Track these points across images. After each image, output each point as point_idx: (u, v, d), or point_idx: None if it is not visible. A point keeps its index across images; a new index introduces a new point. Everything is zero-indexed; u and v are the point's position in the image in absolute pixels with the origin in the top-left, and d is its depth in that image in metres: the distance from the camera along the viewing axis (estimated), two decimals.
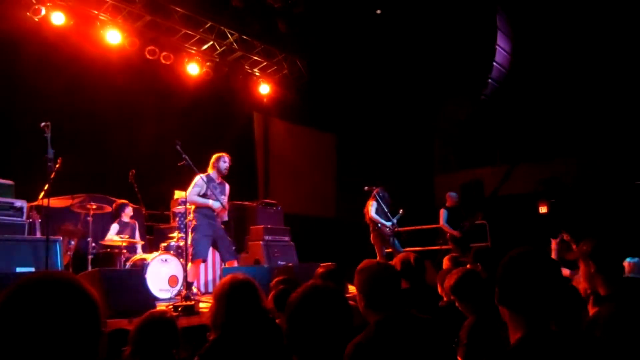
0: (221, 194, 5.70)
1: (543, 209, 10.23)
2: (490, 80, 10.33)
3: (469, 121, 11.66)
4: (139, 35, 8.54)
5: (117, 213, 6.69)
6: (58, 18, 7.54)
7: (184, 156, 5.14)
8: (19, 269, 4.65)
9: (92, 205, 5.95)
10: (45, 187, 4.73)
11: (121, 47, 8.27)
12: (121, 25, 8.32)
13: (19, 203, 5.38)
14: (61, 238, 5.37)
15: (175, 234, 6.53)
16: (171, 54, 8.96)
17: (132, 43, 8.35)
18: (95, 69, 7.86)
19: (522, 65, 10.56)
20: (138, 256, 6.28)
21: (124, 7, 8.27)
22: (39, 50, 7.18)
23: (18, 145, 6.65)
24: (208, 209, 5.55)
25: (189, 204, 5.63)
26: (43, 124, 4.65)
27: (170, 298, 5.72)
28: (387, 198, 7.35)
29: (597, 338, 2.01)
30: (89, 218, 5.97)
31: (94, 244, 6.06)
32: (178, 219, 6.69)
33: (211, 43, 9.61)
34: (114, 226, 6.59)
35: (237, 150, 7.83)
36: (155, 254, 6.13)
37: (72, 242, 6.02)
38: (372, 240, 7.30)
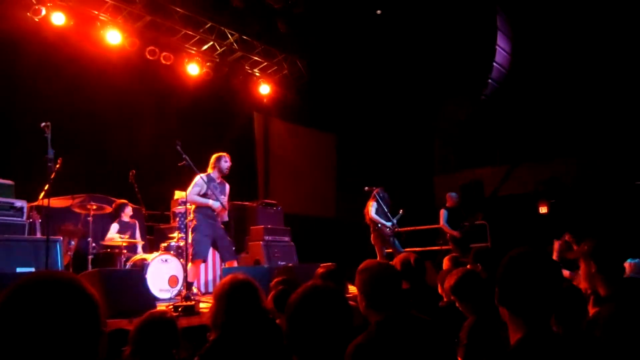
0: (221, 193, 5.69)
1: (543, 209, 10.24)
2: (490, 81, 10.33)
3: (469, 121, 11.66)
4: (139, 36, 8.55)
5: (117, 213, 6.69)
6: (58, 18, 7.54)
7: (184, 156, 5.14)
8: (19, 269, 4.66)
9: (93, 205, 5.94)
10: (46, 187, 4.74)
11: (121, 48, 8.27)
12: (121, 26, 8.32)
13: (19, 203, 5.38)
14: (61, 238, 5.38)
15: (176, 234, 6.53)
16: (171, 54, 8.97)
17: (132, 43, 8.36)
18: (96, 69, 7.87)
19: (522, 66, 10.56)
20: (138, 256, 6.27)
21: (124, 7, 8.28)
22: (39, 51, 7.18)
23: (18, 145, 6.65)
24: (208, 209, 5.54)
25: (189, 203, 5.63)
26: (43, 124, 4.65)
27: (171, 298, 5.72)
28: (387, 198, 7.35)
29: (597, 339, 2.01)
30: (89, 218, 5.97)
31: (94, 244, 6.06)
32: (178, 219, 6.69)
33: (211, 43, 9.62)
34: (113, 226, 6.59)
35: (237, 150, 7.83)
36: (156, 254, 6.12)
37: (72, 242, 6.02)
38: (373, 240, 7.30)
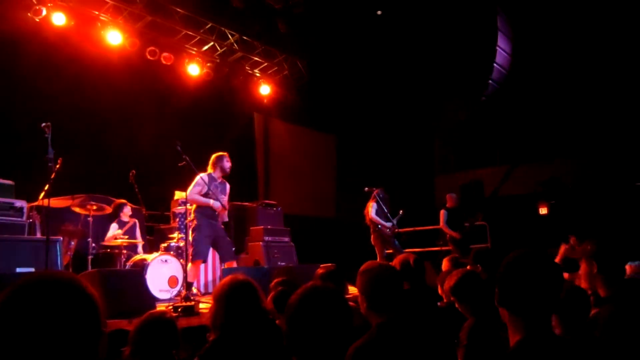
0: (222, 193, 5.69)
1: (543, 210, 10.24)
2: (490, 81, 10.33)
3: (469, 122, 11.66)
4: (140, 36, 8.55)
5: (116, 213, 6.69)
6: (59, 19, 7.54)
7: (185, 157, 5.14)
8: (19, 269, 4.66)
9: (93, 205, 5.94)
10: (46, 188, 4.73)
11: (122, 48, 8.27)
12: (122, 26, 8.32)
13: (19, 203, 5.38)
14: (61, 238, 5.37)
15: (176, 234, 6.53)
16: (172, 54, 8.97)
17: (132, 44, 8.36)
18: (96, 70, 7.87)
19: (522, 66, 10.56)
20: (138, 256, 6.27)
21: (124, 7, 8.28)
22: (39, 51, 7.18)
23: (18, 145, 6.65)
24: (209, 209, 5.52)
25: (189, 203, 5.62)
26: (43, 124, 4.66)
27: (170, 299, 5.72)
28: (387, 199, 7.35)
29: (596, 340, 2.01)
30: (89, 218, 5.96)
31: (94, 244, 6.06)
32: (178, 219, 6.69)
33: (212, 44, 9.62)
34: (113, 226, 6.60)
35: (237, 150, 7.84)
36: (155, 254, 6.12)
37: (72, 243, 6.02)
38: (373, 241, 7.29)
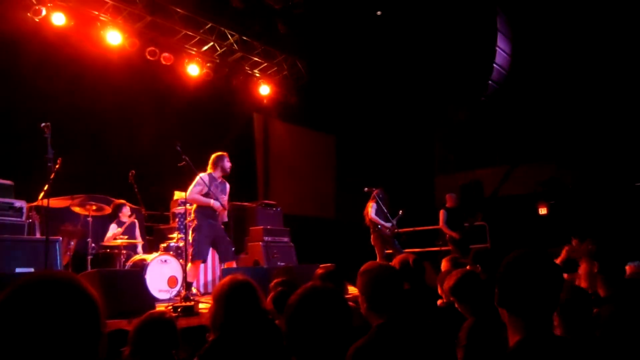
0: (222, 193, 5.69)
1: (543, 210, 10.24)
2: (490, 82, 10.33)
3: (469, 122, 11.66)
4: (140, 36, 8.55)
5: (115, 213, 6.69)
6: (58, 19, 7.54)
7: (184, 157, 5.14)
8: (18, 269, 4.66)
9: (92, 205, 5.94)
10: (45, 188, 4.74)
11: (121, 48, 8.27)
12: (121, 26, 8.32)
13: (18, 203, 5.38)
14: (61, 238, 5.38)
15: (175, 234, 6.53)
16: (171, 54, 8.96)
17: (132, 44, 8.36)
18: (96, 70, 7.86)
19: (522, 67, 10.56)
20: (138, 257, 6.27)
21: (124, 7, 8.28)
22: (39, 51, 7.18)
23: (17, 145, 6.65)
24: (209, 209, 5.51)
25: (190, 203, 5.61)
26: (43, 124, 4.66)
27: (170, 299, 5.72)
28: (386, 199, 7.36)
29: (596, 340, 2.01)
30: (88, 218, 5.96)
31: (93, 245, 6.06)
32: (178, 219, 6.69)
33: (211, 44, 9.61)
34: (112, 227, 6.60)
35: (237, 151, 7.84)
36: (155, 254, 6.12)
37: (72, 243, 6.02)
38: (373, 241, 7.30)
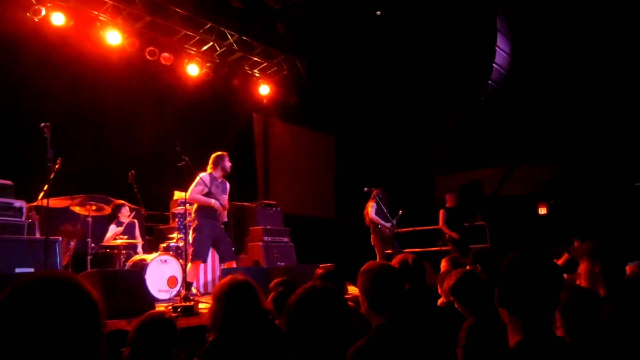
0: (223, 192, 5.69)
1: (542, 210, 10.24)
2: (490, 82, 10.33)
3: (469, 122, 11.66)
4: (139, 36, 8.54)
5: (114, 214, 6.69)
6: (58, 19, 7.53)
7: (184, 157, 5.14)
8: (18, 270, 4.66)
9: (92, 205, 5.94)
10: (45, 188, 4.74)
11: (121, 48, 8.26)
12: (121, 26, 8.31)
13: (18, 203, 5.38)
14: (60, 238, 5.38)
15: (175, 234, 6.53)
16: (171, 54, 8.95)
17: (132, 44, 8.35)
18: (95, 70, 7.86)
19: (522, 67, 10.57)
20: (137, 257, 6.27)
21: (124, 7, 8.27)
22: (39, 51, 7.17)
23: (18, 145, 6.65)
24: (210, 209, 5.51)
25: (191, 201, 5.61)
26: (42, 124, 4.66)
27: (170, 299, 5.72)
28: (386, 199, 7.36)
29: (596, 340, 2.01)
30: (88, 218, 5.96)
31: (93, 245, 6.05)
32: (178, 219, 6.69)
33: (211, 44, 9.61)
34: (111, 227, 6.60)
35: (237, 151, 7.84)
36: (155, 254, 6.12)
37: (72, 243, 6.02)
38: (373, 241, 7.29)
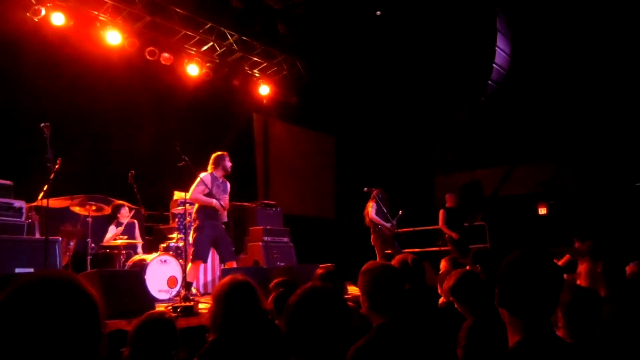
0: (224, 192, 5.70)
1: (542, 210, 10.24)
2: (490, 82, 10.33)
3: (468, 122, 11.66)
4: (139, 36, 8.54)
5: (113, 214, 6.69)
6: (58, 18, 7.53)
7: (184, 157, 5.14)
8: (18, 270, 4.65)
9: (92, 205, 5.94)
10: (45, 188, 4.74)
11: (121, 48, 8.26)
12: (121, 26, 8.31)
13: (18, 204, 5.37)
14: (60, 239, 5.37)
15: (175, 234, 6.53)
16: (171, 54, 8.96)
17: (132, 44, 8.35)
18: (95, 70, 7.85)
19: (522, 67, 10.57)
20: (137, 257, 6.27)
21: (123, 7, 8.27)
22: (38, 51, 7.17)
23: (17, 145, 6.65)
24: (212, 209, 5.50)
25: (192, 201, 5.60)
26: (42, 124, 4.66)
27: (169, 299, 5.71)
28: (386, 199, 7.36)
29: (596, 340, 2.01)
30: (88, 219, 5.96)
31: (93, 245, 6.05)
32: (177, 219, 6.69)
33: (211, 44, 9.61)
34: (111, 228, 6.60)
35: (237, 151, 7.83)
36: (155, 254, 6.12)
37: (71, 243, 6.01)
38: (373, 241, 7.29)
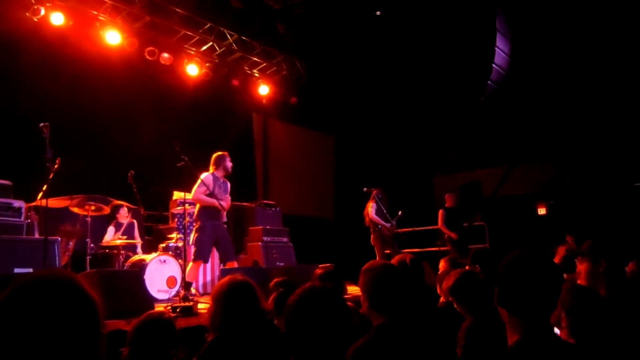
0: (225, 192, 5.70)
1: (542, 211, 10.25)
2: (489, 82, 10.33)
3: (468, 122, 11.67)
4: (139, 36, 8.54)
5: (112, 214, 6.69)
6: (57, 18, 7.52)
7: (183, 157, 5.14)
8: (17, 270, 4.65)
9: (91, 205, 5.94)
10: (44, 188, 4.73)
11: (120, 48, 8.26)
12: (120, 26, 8.31)
13: (17, 203, 5.37)
14: (59, 239, 5.37)
15: (174, 234, 6.53)
16: (170, 54, 8.95)
17: (131, 44, 8.35)
18: (95, 70, 7.85)
19: (521, 67, 10.57)
20: (137, 257, 6.26)
21: (123, 7, 8.26)
22: (38, 51, 7.16)
23: (17, 145, 6.64)
24: (213, 209, 5.50)
25: (194, 201, 5.59)
26: (41, 124, 4.66)
27: (169, 299, 5.71)
28: (386, 199, 7.36)
29: (596, 340, 2.01)
30: (87, 219, 5.96)
31: (92, 245, 6.05)
32: (177, 219, 6.69)
33: (210, 44, 9.61)
34: (110, 229, 6.60)
35: (236, 151, 7.81)
36: (154, 254, 6.12)
37: (71, 243, 6.01)
38: (373, 241, 7.29)
